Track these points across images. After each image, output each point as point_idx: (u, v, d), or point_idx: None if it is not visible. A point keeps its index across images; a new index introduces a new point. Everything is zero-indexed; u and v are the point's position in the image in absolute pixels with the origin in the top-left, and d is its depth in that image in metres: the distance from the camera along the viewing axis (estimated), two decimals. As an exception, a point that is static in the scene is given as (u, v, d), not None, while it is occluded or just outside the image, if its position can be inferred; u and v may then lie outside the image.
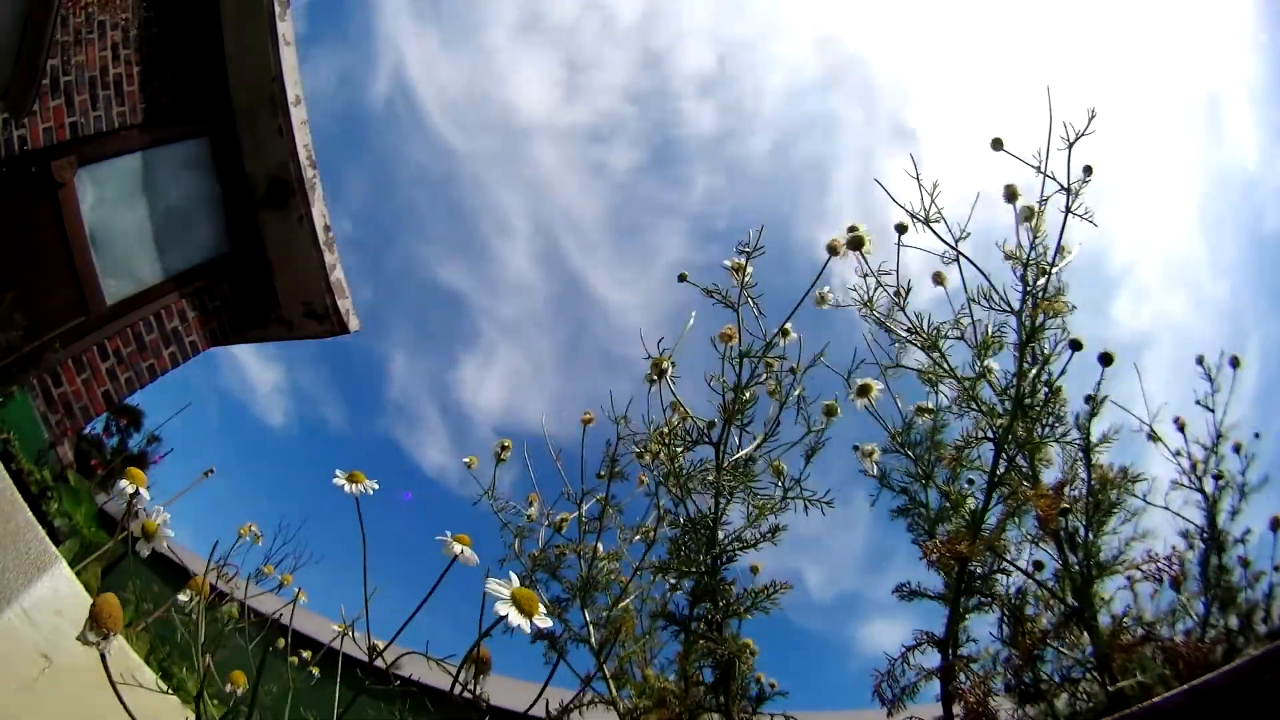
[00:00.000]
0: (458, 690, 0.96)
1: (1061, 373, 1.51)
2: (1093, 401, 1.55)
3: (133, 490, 1.02)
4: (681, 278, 1.75)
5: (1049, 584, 1.56)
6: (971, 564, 1.44)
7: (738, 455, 1.64)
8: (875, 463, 1.72)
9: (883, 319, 1.62)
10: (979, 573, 1.49)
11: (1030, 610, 1.56)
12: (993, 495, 1.48)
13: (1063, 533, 1.50)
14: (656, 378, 1.70)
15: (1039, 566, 1.58)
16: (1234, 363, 1.84)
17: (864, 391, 1.60)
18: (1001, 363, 1.62)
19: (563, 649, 1.74)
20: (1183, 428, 1.83)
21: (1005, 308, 1.54)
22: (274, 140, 4.20)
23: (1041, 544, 1.57)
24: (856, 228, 1.49)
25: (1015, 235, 1.57)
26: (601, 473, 1.86)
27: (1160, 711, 0.94)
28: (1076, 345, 1.49)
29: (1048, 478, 1.57)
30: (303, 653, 2.32)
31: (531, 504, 2.03)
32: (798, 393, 1.66)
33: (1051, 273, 1.48)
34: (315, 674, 2.08)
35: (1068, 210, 1.46)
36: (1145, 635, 1.48)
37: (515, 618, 0.78)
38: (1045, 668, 1.53)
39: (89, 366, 3.49)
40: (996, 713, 1.40)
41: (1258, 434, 1.87)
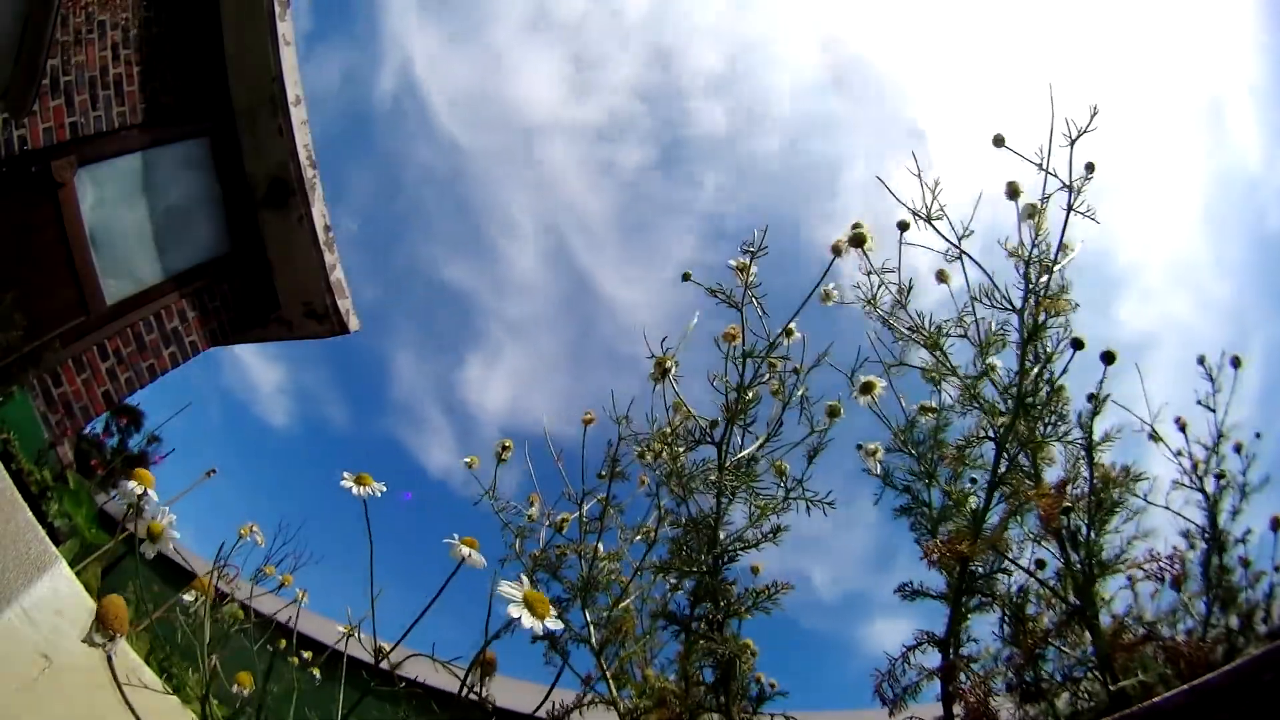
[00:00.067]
0: (464, 692, 0.96)
1: (1064, 371, 1.51)
2: (1095, 400, 1.55)
3: (141, 491, 1.02)
4: (685, 277, 1.75)
5: (1050, 583, 1.56)
6: (973, 563, 1.44)
7: (740, 455, 1.64)
8: (879, 462, 1.72)
9: (886, 317, 1.62)
10: (981, 572, 1.49)
11: (1032, 609, 1.56)
12: (995, 494, 1.48)
13: (1065, 531, 1.50)
14: (659, 377, 1.70)
15: (1041, 565, 1.58)
16: (1235, 363, 1.85)
17: (867, 389, 1.60)
18: (1004, 361, 1.62)
19: (564, 649, 1.73)
20: (1184, 428, 1.83)
21: (1008, 306, 1.54)
22: (274, 140, 4.20)
23: (1043, 543, 1.57)
24: (860, 225, 1.49)
25: (1018, 233, 1.58)
26: (603, 473, 1.85)
27: (1160, 711, 0.94)
28: (1079, 344, 1.49)
29: (1050, 476, 1.57)
30: (304, 653, 2.32)
31: (532, 504, 2.03)
32: (801, 392, 1.66)
33: (1054, 270, 1.48)
34: (317, 675, 2.08)
35: (1070, 208, 1.46)
36: (1146, 635, 1.48)
37: (528, 620, 0.80)
38: (1046, 667, 1.53)
39: (89, 366, 3.48)
40: (997, 712, 1.40)
41: (1259, 434, 1.87)
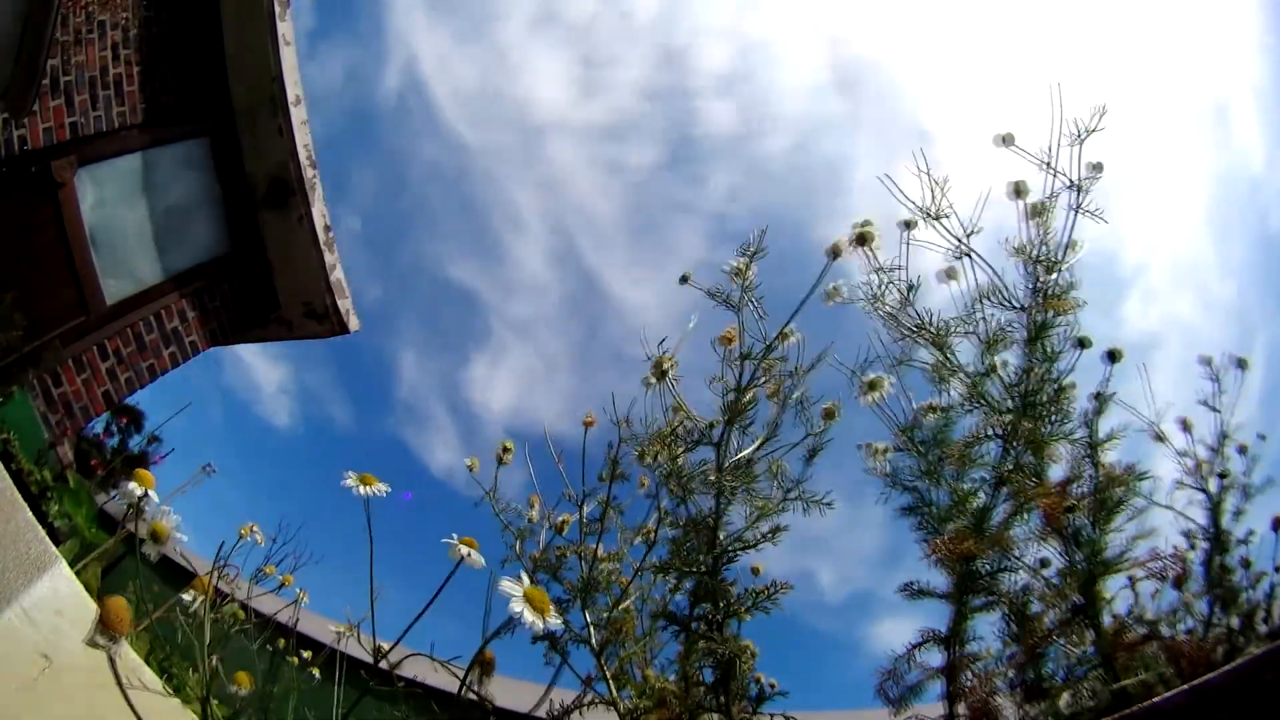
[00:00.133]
0: (463, 692, 0.96)
1: (1068, 370, 1.51)
2: (1099, 399, 1.55)
3: (141, 493, 1.01)
4: (684, 279, 1.75)
5: (1053, 581, 1.55)
6: (977, 562, 1.44)
7: (738, 456, 1.64)
8: (884, 460, 1.71)
9: (892, 315, 1.61)
10: (984, 570, 1.49)
11: (1034, 608, 1.56)
12: (999, 493, 1.48)
13: (1068, 530, 1.50)
14: (657, 379, 1.70)
15: (1044, 564, 1.58)
16: (1239, 364, 1.84)
17: (873, 387, 1.59)
18: (1009, 359, 1.61)
19: (564, 649, 1.73)
20: (1188, 428, 1.83)
21: (1013, 305, 1.53)
22: (274, 140, 4.20)
23: (1047, 541, 1.56)
24: (866, 224, 1.49)
25: (1023, 232, 1.57)
26: (604, 474, 1.85)
27: (1160, 711, 0.93)
28: (1083, 343, 1.49)
29: (1054, 475, 1.57)
30: (303, 653, 2.32)
31: (533, 505, 2.03)
32: (799, 394, 1.66)
33: (1059, 269, 1.48)
34: (316, 675, 2.08)
35: (1076, 207, 1.45)
36: (1148, 634, 1.48)
37: (529, 616, 0.79)
38: (1048, 666, 1.52)
39: (89, 366, 3.48)
40: (1000, 711, 1.39)
41: (1262, 435, 1.87)
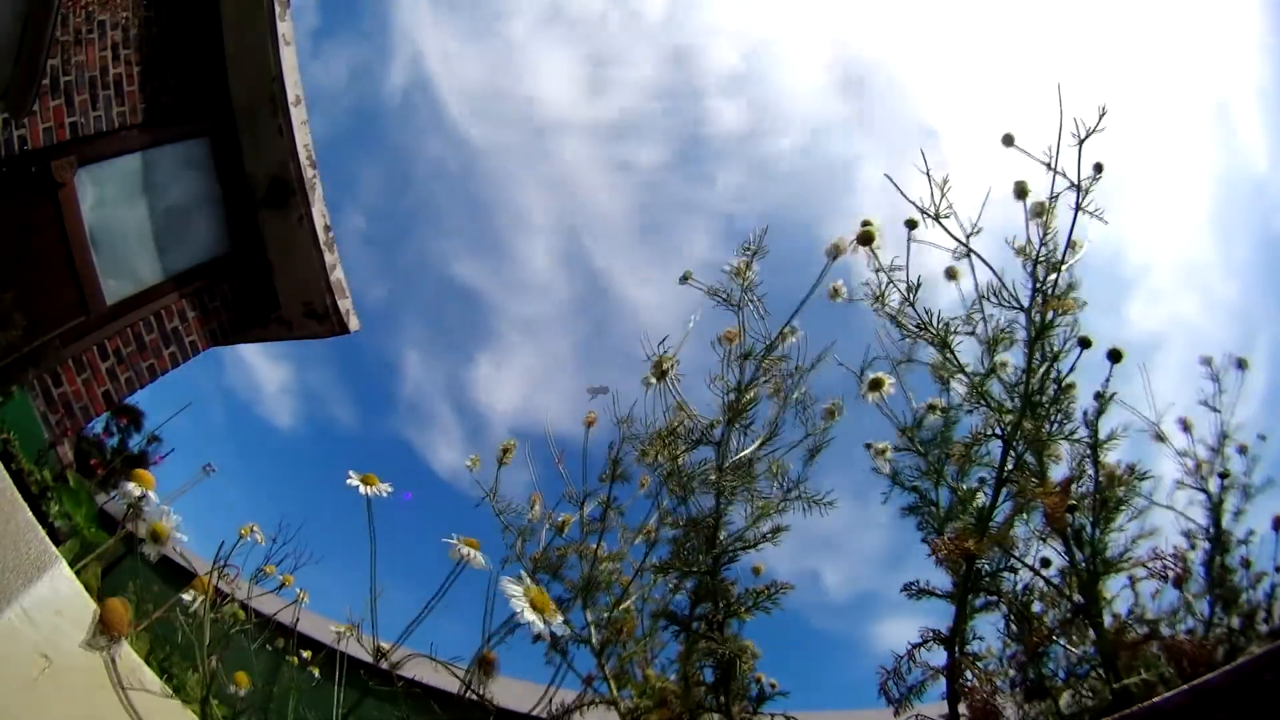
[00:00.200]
0: (464, 692, 0.96)
1: (1070, 370, 1.51)
2: (1101, 399, 1.55)
3: (140, 494, 1.01)
4: (684, 278, 1.75)
5: (1055, 581, 1.55)
6: (979, 561, 1.43)
7: (739, 456, 1.64)
8: (887, 460, 1.72)
9: (894, 314, 1.61)
10: (986, 570, 1.49)
11: (1036, 608, 1.56)
12: (1001, 492, 1.48)
13: (1070, 530, 1.50)
14: (657, 379, 1.70)
15: (1046, 563, 1.58)
16: (1240, 364, 1.84)
17: (876, 386, 1.60)
18: (1011, 359, 1.61)
19: (564, 649, 1.73)
20: (1188, 428, 1.83)
21: (1015, 304, 1.53)
22: (274, 140, 4.20)
23: (1048, 541, 1.56)
24: (868, 223, 1.49)
25: (1026, 232, 1.57)
26: (604, 474, 1.85)
27: (1160, 711, 0.93)
28: (1085, 343, 1.49)
29: (1056, 475, 1.57)
30: (303, 653, 2.32)
31: (533, 505, 2.03)
32: (800, 393, 1.66)
33: (1061, 269, 1.48)
34: (316, 675, 2.08)
35: (1078, 207, 1.45)
36: (1149, 633, 1.48)
37: (530, 616, 0.79)
38: (1050, 665, 1.52)
39: (89, 366, 3.48)
40: (1001, 711, 1.39)
41: (1263, 435, 1.87)
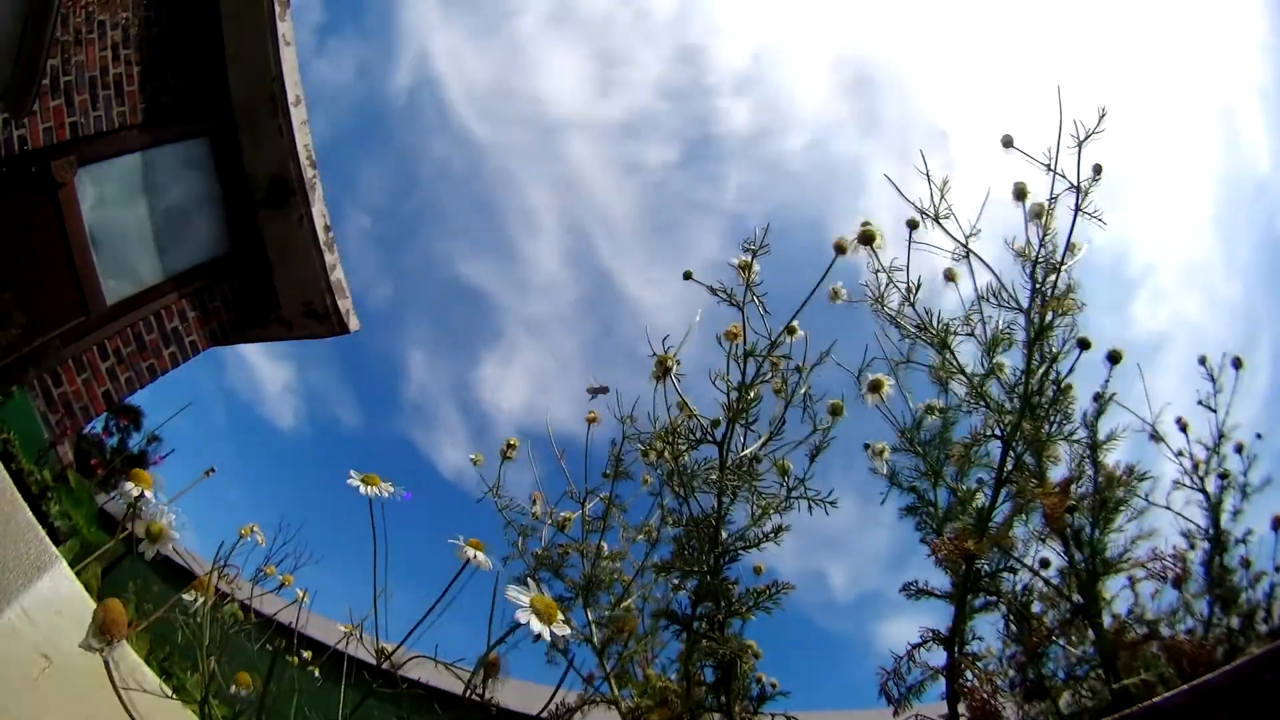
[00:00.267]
0: (468, 694, 0.96)
1: (1070, 371, 1.51)
2: (1100, 400, 1.55)
3: (138, 494, 1.01)
4: (687, 275, 1.75)
5: (1054, 581, 1.56)
6: (979, 562, 1.44)
7: (742, 454, 1.64)
8: (885, 460, 1.72)
9: (894, 315, 1.62)
10: (986, 570, 1.49)
11: (1035, 608, 1.56)
12: (1000, 493, 1.48)
13: (1069, 530, 1.50)
14: (660, 377, 1.70)
15: (1045, 564, 1.58)
16: (1236, 364, 1.85)
17: (875, 388, 1.60)
18: (1010, 360, 1.62)
19: (566, 649, 1.73)
20: (1185, 428, 1.84)
21: (1014, 305, 1.54)
22: (274, 140, 4.20)
23: (1048, 541, 1.57)
24: (868, 223, 1.49)
25: (1025, 233, 1.57)
26: (607, 472, 1.86)
27: (1160, 711, 0.93)
28: (1084, 344, 1.49)
29: (1055, 475, 1.57)
30: (304, 654, 2.31)
31: (535, 502, 2.03)
32: (803, 391, 1.66)
33: (1061, 271, 1.48)
34: (318, 675, 2.07)
35: (1077, 209, 1.46)
36: (1149, 633, 1.48)
37: (536, 625, 0.78)
38: (1049, 665, 1.53)
39: (89, 366, 3.47)
40: (1001, 711, 1.39)
41: (1260, 434, 1.88)
